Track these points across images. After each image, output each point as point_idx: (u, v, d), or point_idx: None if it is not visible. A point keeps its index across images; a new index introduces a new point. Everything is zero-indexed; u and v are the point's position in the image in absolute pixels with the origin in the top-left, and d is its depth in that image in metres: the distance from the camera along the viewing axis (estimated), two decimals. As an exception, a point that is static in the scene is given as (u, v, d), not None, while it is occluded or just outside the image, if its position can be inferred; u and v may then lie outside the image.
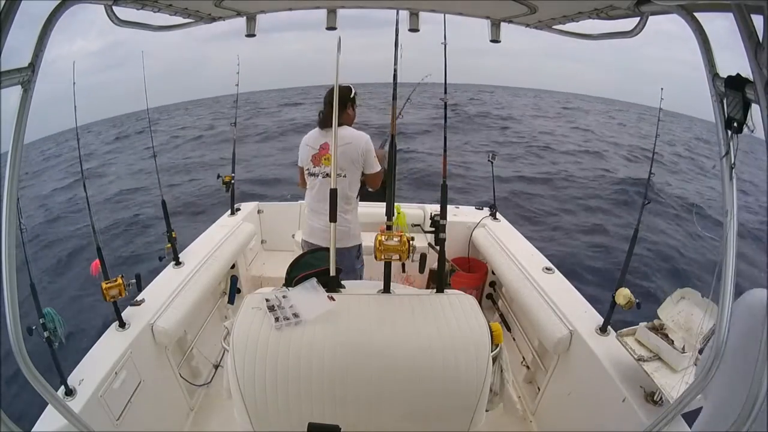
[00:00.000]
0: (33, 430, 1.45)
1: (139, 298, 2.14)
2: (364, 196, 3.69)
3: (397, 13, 1.63)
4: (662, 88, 2.28)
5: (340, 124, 2.17)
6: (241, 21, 1.66)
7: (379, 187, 2.36)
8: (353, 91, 2.27)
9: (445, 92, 1.84)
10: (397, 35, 1.61)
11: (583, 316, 2.13)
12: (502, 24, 1.67)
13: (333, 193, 1.48)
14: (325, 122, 2.24)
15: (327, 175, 2.25)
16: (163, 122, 25.03)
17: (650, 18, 1.23)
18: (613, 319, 1.99)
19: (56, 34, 1.05)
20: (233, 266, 3.10)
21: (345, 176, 2.22)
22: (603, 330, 1.99)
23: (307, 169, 2.34)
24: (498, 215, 3.43)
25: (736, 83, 0.90)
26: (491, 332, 1.32)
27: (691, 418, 1.49)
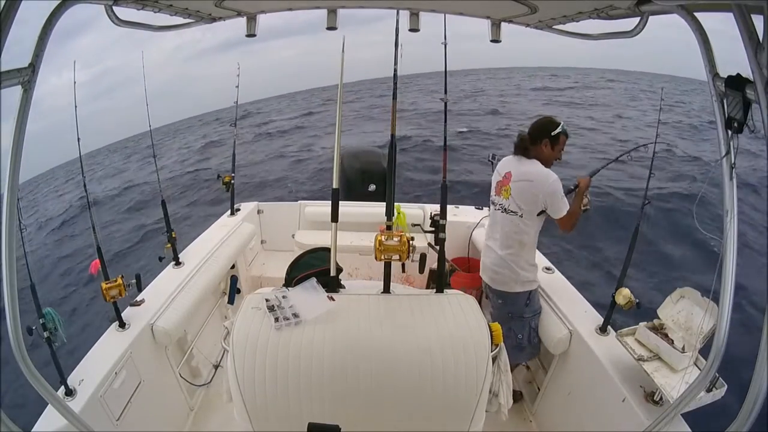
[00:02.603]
0: (33, 430, 1.45)
1: (139, 298, 2.14)
2: (365, 196, 3.73)
3: (397, 13, 1.62)
4: (662, 88, 2.28)
5: (530, 157, 2.06)
6: (218, 38, 1.67)
7: (570, 230, 2.08)
8: (559, 129, 2.03)
9: (446, 92, 1.83)
10: (397, 35, 1.60)
11: (583, 316, 2.13)
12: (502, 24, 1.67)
13: (335, 192, 1.47)
14: (518, 147, 2.09)
15: (504, 209, 2.10)
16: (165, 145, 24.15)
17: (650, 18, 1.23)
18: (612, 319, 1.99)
19: (43, 66, 1.03)
20: (233, 266, 3.10)
21: (522, 216, 2.04)
22: (603, 330, 1.99)
23: (491, 197, 2.23)
24: None
25: (736, 83, 0.90)
26: (491, 332, 1.32)
27: (691, 418, 1.49)
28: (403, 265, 2.79)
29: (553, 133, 2.03)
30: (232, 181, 3.33)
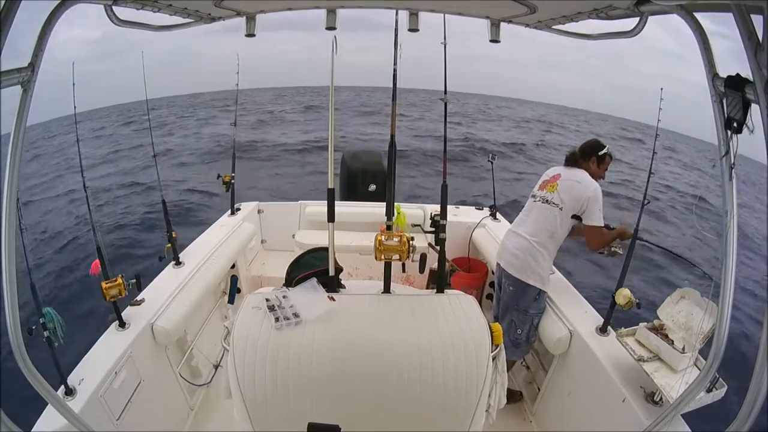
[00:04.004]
0: (33, 430, 1.45)
1: (139, 297, 2.14)
2: (364, 195, 3.73)
3: (397, 13, 1.62)
4: (662, 87, 2.29)
5: (580, 167, 2.23)
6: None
7: (595, 248, 2.19)
8: (605, 150, 2.24)
9: (445, 92, 1.84)
10: (396, 35, 1.60)
11: (583, 316, 2.13)
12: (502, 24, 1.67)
13: (330, 192, 1.47)
14: (569, 160, 2.29)
15: (546, 200, 2.23)
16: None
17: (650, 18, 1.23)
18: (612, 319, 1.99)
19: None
20: (233, 266, 3.09)
21: (561, 209, 2.16)
22: (603, 330, 1.99)
23: (532, 192, 2.36)
24: (498, 215, 3.43)
25: (735, 83, 0.90)
26: (491, 332, 1.32)
27: (691, 418, 1.49)
28: (403, 265, 2.79)
29: (600, 153, 2.24)
30: (232, 181, 3.32)
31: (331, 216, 1.46)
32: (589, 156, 2.25)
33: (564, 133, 23.70)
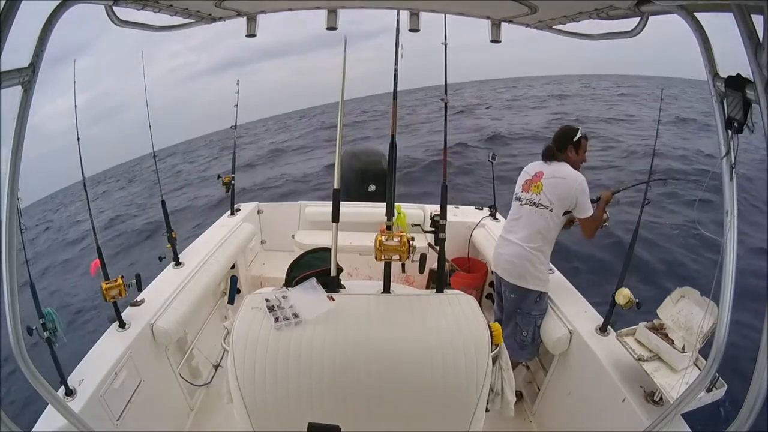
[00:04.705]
0: (33, 430, 1.45)
1: (139, 298, 2.14)
2: (364, 196, 3.72)
3: (398, 13, 1.62)
4: (662, 89, 2.29)
5: (560, 160, 2.18)
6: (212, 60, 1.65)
7: (592, 237, 2.21)
8: (579, 134, 2.18)
9: (446, 92, 1.84)
10: (397, 35, 1.60)
11: (583, 316, 2.13)
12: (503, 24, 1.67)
13: (336, 193, 1.47)
14: (547, 154, 2.22)
15: (533, 203, 2.18)
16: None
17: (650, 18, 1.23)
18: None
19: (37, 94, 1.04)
20: (233, 266, 3.10)
21: (551, 210, 2.12)
22: (603, 330, 1.99)
23: (515, 194, 2.31)
24: (498, 215, 3.43)
25: (736, 83, 0.90)
26: (491, 332, 1.32)
27: (691, 418, 1.49)
28: (403, 265, 2.79)
29: (575, 139, 2.17)
30: (232, 182, 3.33)
31: (335, 216, 1.46)
32: (565, 145, 2.19)
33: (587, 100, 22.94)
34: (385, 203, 1.54)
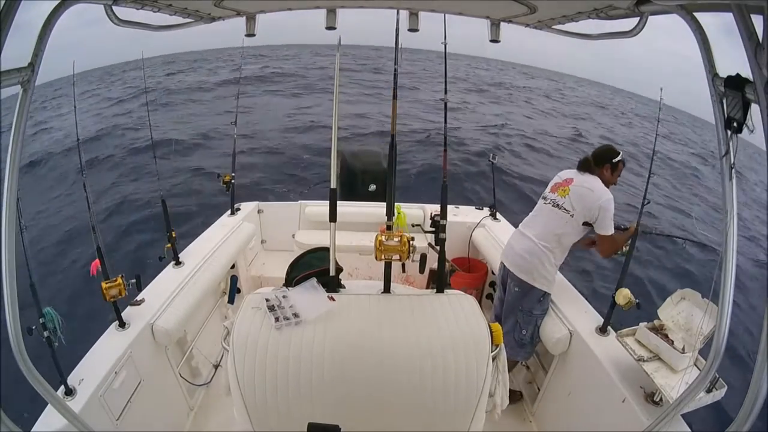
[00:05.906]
0: (33, 430, 1.45)
1: (139, 297, 2.14)
2: (364, 195, 3.72)
3: (398, 13, 1.63)
4: (661, 88, 2.29)
5: (593, 174, 2.19)
6: None
7: (607, 256, 2.23)
8: (620, 157, 2.19)
9: (446, 92, 1.84)
10: (397, 35, 1.61)
11: (583, 316, 2.13)
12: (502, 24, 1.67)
13: (332, 192, 1.47)
14: (583, 165, 2.24)
15: (556, 204, 2.21)
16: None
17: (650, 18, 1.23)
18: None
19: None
20: (233, 266, 3.09)
21: (572, 216, 2.13)
22: (603, 330, 1.99)
23: (543, 194, 2.34)
24: (498, 215, 3.43)
25: (735, 83, 0.90)
26: (491, 332, 1.32)
27: (691, 418, 1.49)
28: (403, 265, 2.79)
29: (614, 161, 2.20)
30: (233, 181, 3.32)
31: (333, 216, 1.46)
32: (603, 163, 2.21)
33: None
34: (385, 203, 1.54)
